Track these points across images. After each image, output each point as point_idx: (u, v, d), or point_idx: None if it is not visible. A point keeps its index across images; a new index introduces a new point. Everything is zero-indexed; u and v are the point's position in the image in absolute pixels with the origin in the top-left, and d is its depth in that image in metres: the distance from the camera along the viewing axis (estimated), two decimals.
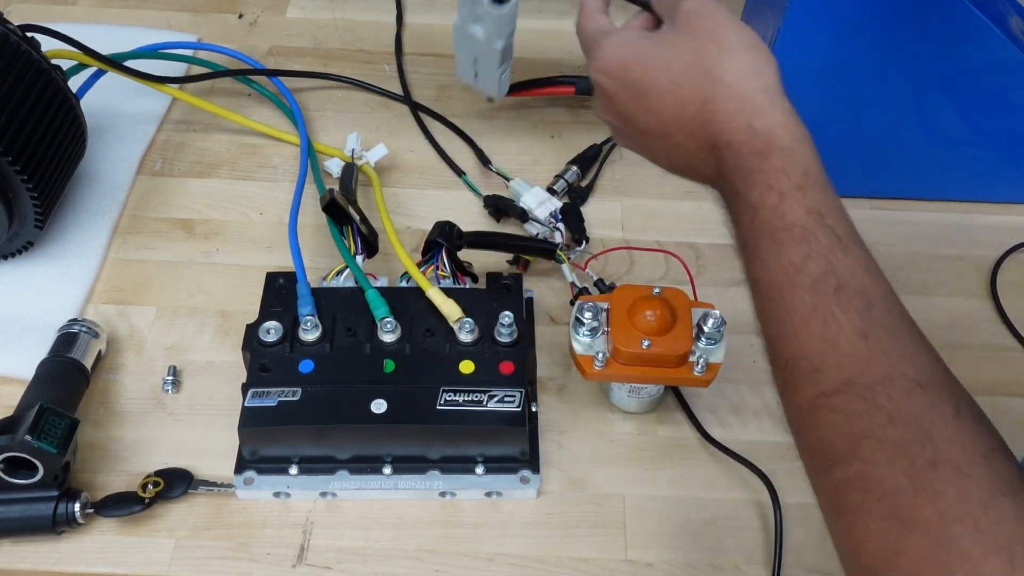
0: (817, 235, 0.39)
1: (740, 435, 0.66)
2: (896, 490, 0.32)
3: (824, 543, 0.61)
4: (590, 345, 0.61)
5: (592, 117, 0.88)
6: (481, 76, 0.73)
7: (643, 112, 0.45)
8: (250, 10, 0.99)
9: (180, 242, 0.77)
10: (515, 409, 0.59)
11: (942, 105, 0.75)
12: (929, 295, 0.75)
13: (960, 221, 0.81)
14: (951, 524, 0.30)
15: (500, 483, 0.61)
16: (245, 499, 0.62)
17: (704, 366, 0.60)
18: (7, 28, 0.68)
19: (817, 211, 0.40)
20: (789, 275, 0.38)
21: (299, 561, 0.59)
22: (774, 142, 0.41)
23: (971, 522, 0.30)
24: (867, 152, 0.79)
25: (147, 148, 0.84)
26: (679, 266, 0.74)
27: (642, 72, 0.44)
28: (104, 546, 0.59)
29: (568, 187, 0.81)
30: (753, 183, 0.40)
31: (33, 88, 0.68)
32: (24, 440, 0.55)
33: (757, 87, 0.43)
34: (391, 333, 0.62)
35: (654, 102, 0.44)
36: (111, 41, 0.82)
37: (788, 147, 0.41)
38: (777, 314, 0.38)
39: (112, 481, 0.62)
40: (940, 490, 0.31)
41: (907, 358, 0.35)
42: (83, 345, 0.65)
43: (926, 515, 0.31)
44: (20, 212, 0.68)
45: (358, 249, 0.69)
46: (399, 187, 0.82)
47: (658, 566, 0.59)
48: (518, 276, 0.67)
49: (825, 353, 0.35)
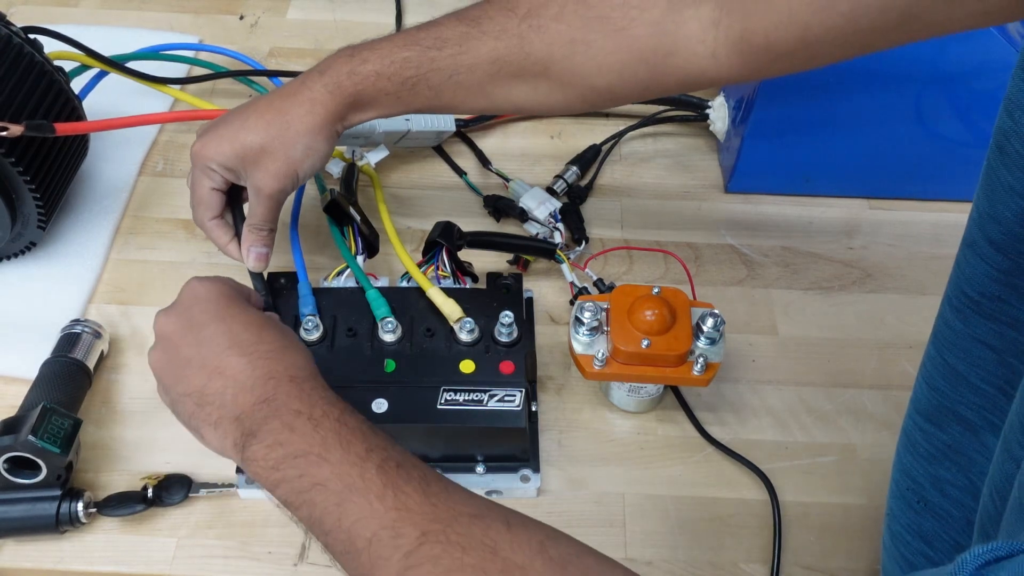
0: (374, 436, 0.47)
1: (739, 434, 0.66)
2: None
3: (822, 542, 0.61)
4: (590, 345, 0.62)
5: (592, 117, 0.88)
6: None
7: (222, 328, 0.53)
8: (251, 11, 1.00)
9: (182, 242, 0.77)
10: (515, 408, 0.59)
11: (940, 105, 0.75)
12: (929, 295, 0.75)
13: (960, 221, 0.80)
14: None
15: (500, 482, 0.62)
16: (247, 498, 0.62)
17: (703, 366, 0.60)
18: (10, 30, 0.68)
19: (367, 424, 0.48)
20: (358, 464, 0.44)
21: (301, 560, 0.60)
22: (327, 389, 0.51)
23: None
24: (866, 152, 0.79)
25: (149, 149, 0.84)
26: (678, 266, 0.75)
27: (241, 307, 0.55)
28: (107, 545, 0.60)
29: (568, 187, 0.81)
30: (315, 402, 0.48)
31: (36, 89, 0.68)
32: (27, 440, 0.55)
33: (316, 368, 0.53)
34: (392, 333, 0.62)
35: (238, 325, 0.53)
36: (113, 42, 0.83)
37: (335, 396, 0.51)
38: (350, 499, 0.43)
39: (115, 480, 0.63)
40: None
41: (461, 502, 0.43)
42: (86, 345, 0.66)
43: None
44: (23, 213, 0.69)
45: (359, 249, 0.69)
46: (399, 187, 0.83)
47: (657, 564, 0.60)
48: (518, 276, 0.67)
49: (401, 520, 0.42)
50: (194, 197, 0.63)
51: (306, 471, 0.45)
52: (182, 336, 0.53)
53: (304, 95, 0.60)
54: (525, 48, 0.57)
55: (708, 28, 0.53)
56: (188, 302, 0.55)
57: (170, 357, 0.53)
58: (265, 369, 0.50)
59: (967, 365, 0.47)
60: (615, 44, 0.56)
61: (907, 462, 0.52)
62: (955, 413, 0.48)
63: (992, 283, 0.45)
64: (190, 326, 0.53)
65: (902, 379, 0.70)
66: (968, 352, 0.47)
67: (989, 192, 0.44)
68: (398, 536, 0.41)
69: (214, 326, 0.52)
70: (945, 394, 0.49)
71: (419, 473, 0.44)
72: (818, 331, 0.73)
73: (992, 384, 0.46)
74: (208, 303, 0.54)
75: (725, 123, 0.82)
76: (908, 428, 0.52)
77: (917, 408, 0.51)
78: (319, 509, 0.44)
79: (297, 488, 0.45)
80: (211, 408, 0.50)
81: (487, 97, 0.60)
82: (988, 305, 0.45)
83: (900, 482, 0.53)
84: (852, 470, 0.65)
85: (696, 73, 0.55)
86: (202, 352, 0.52)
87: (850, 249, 0.79)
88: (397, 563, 0.41)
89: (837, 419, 0.67)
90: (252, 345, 0.51)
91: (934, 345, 0.50)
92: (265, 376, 0.50)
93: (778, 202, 0.82)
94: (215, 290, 0.55)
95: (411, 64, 0.59)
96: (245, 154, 0.60)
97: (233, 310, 0.54)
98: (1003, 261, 0.44)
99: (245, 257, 0.63)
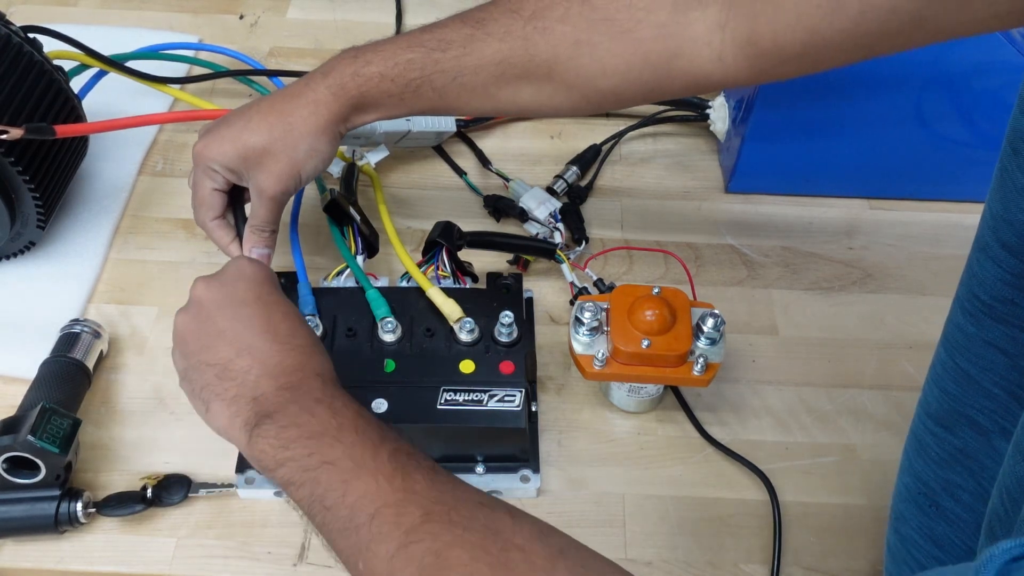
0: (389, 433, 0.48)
1: (739, 435, 0.66)
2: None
3: (823, 542, 0.61)
4: (590, 345, 0.62)
5: (592, 117, 0.88)
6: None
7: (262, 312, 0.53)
8: (251, 11, 1.00)
9: (181, 242, 0.77)
10: (515, 408, 0.59)
11: (941, 106, 0.75)
12: (929, 295, 0.75)
13: (960, 221, 0.81)
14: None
15: (500, 482, 0.62)
16: (246, 498, 0.62)
17: (703, 366, 0.60)
18: (9, 29, 0.68)
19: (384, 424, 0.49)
20: (371, 448, 0.46)
21: (300, 560, 0.59)
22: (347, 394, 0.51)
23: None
24: (867, 152, 0.79)
25: (148, 149, 0.84)
26: (678, 266, 0.74)
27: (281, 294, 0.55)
28: (106, 545, 0.60)
29: (568, 187, 0.81)
30: (336, 396, 0.49)
31: (35, 89, 0.68)
32: (26, 440, 0.55)
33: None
34: (392, 333, 0.62)
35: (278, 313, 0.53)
36: (112, 42, 0.83)
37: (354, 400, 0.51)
38: (358, 476, 0.44)
39: (114, 480, 0.62)
40: (512, 567, 0.40)
41: (469, 492, 0.45)
42: (85, 345, 0.66)
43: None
44: (22, 212, 0.69)
45: (359, 249, 0.69)
46: (399, 187, 0.82)
47: (657, 565, 0.60)
48: (518, 276, 0.67)
49: (407, 500, 0.43)
50: (196, 197, 0.63)
51: (317, 450, 0.46)
52: (220, 308, 0.53)
53: (308, 96, 0.60)
54: (530, 50, 0.57)
55: (714, 31, 0.53)
56: (233, 276, 0.55)
57: (201, 324, 0.53)
58: (295, 360, 0.51)
59: (979, 369, 0.47)
60: (620, 46, 0.56)
61: (917, 466, 0.52)
62: (966, 417, 0.48)
63: (1004, 287, 0.44)
64: (230, 300, 0.53)
65: (902, 379, 0.70)
66: (980, 356, 0.47)
67: (1002, 195, 0.43)
68: (401, 515, 0.42)
69: (255, 307, 0.53)
70: (956, 398, 0.48)
71: (429, 464, 0.45)
72: (818, 331, 0.73)
73: (1004, 388, 0.46)
74: (253, 283, 0.54)
75: (725, 123, 0.82)
76: (918, 432, 0.52)
77: (927, 412, 0.51)
78: (322, 487, 0.45)
79: (304, 466, 0.46)
80: (231, 384, 0.50)
81: (491, 99, 0.60)
82: (1000, 309, 0.45)
83: (910, 486, 0.52)
84: (852, 470, 0.65)
85: (702, 76, 0.55)
86: (237, 328, 0.52)
87: (850, 249, 0.79)
88: (397, 539, 0.41)
89: (837, 419, 0.67)
90: (287, 335, 0.52)
91: (945, 349, 0.50)
92: (294, 367, 0.50)
93: (778, 202, 0.82)
94: (262, 273, 0.55)
95: (415, 66, 0.59)
96: (248, 155, 0.60)
97: (276, 297, 0.54)
98: (1016, 264, 0.44)
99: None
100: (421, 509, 0.42)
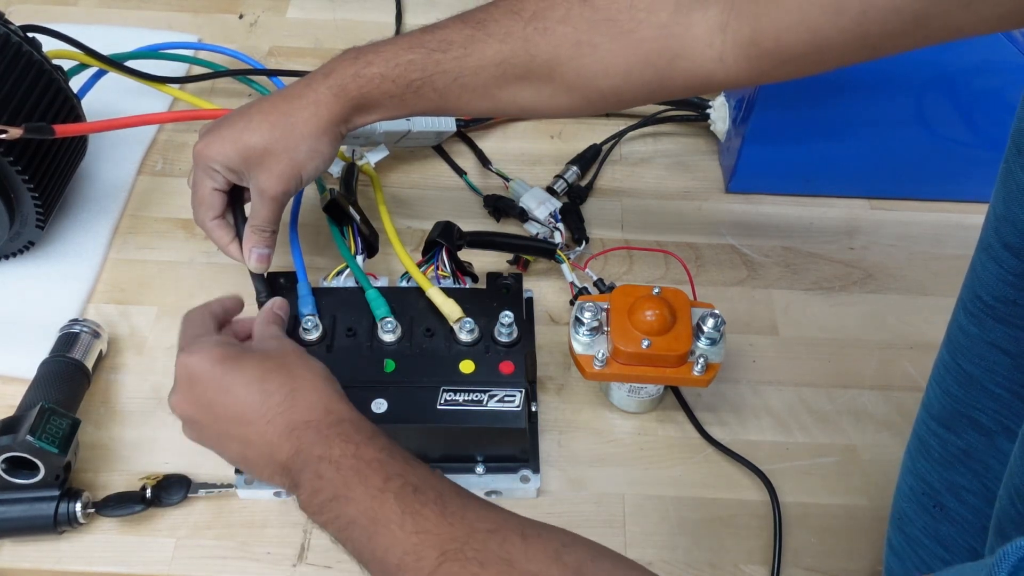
0: (392, 462, 0.48)
1: (739, 435, 0.66)
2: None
3: (823, 542, 0.61)
4: (590, 345, 0.61)
5: (592, 117, 0.88)
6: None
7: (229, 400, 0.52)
8: (250, 10, 1.00)
9: (181, 242, 0.77)
10: (515, 409, 0.59)
11: (942, 106, 0.75)
12: (930, 295, 0.75)
13: (960, 221, 0.81)
14: None
15: (500, 482, 0.62)
16: (246, 498, 0.62)
17: (703, 366, 0.60)
18: (8, 28, 0.68)
19: (387, 448, 0.49)
20: (378, 497, 0.46)
21: (300, 560, 0.59)
22: (345, 416, 0.51)
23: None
24: (867, 152, 0.79)
25: (148, 148, 0.84)
26: (678, 266, 0.74)
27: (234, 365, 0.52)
28: (105, 545, 0.60)
29: (568, 187, 0.81)
30: (333, 443, 0.49)
31: (34, 88, 0.68)
32: (25, 440, 0.55)
33: (331, 387, 0.53)
34: (391, 333, 0.62)
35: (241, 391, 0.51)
36: (112, 41, 0.83)
37: (356, 419, 0.51)
38: (376, 531, 0.45)
39: (113, 480, 0.62)
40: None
41: (477, 518, 0.44)
42: (84, 345, 0.65)
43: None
44: (21, 212, 0.69)
45: (358, 249, 0.69)
46: (399, 187, 0.82)
47: (657, 565, 0.60)
48: (518, 276, 0.67)
49: (422, 544, 0.43)
50: (195, 197, 0.63)
51: (340, 512, 0.47)
52: (202, 415, 0.53)
53: (308, 97, 0.60)
54: (531, 51, 0.57)
55: (716, 31, 0.53)
56: (186, 384, 0.53)
57: (202, 434, 0.54)
58: (283, 424, 0.50)
59: (982, 370, 0.47)
60: (621, 47, 0.55)
61: (921, 467, 0.52)
62: (970, 418, 0.48)
63: (1006, 287, 0.44)
64: (200, 406, 0.53)
65: (903, 380, 0.70)
66: (983, 357, 0.47)
67: (1005, 194, 0.43)
68: (420, 559, 0.43)
69: (220, 400, 0.52)
70: (960, 399, 0.48)
71: (435, 494, 0.46)
72: (819, 331, 0.73)
73: (1008, 389, 0.46)
74: (203, 380, 0.52)
75: (726, 123, 0.82)
76: (921, 433, 0.52)
77: (931, 413, 0.51)
78: (357, 544, 0.46)
79: (338, 527, 0.47)
80: (259, 469, 0.52)
81: (492, 100, 0.60)
82: (1003, 309, 0.45)
83: (914, 487, 0.52)
84: (853, 471, 0.65)
85: (703, 76, 0.55)
86: (226, 427, 0.52)
87: (851, 249, 0.79)
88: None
89: (838, 420, 0.67)
90: (261, 405, 0.51)
91: (948, 350, 0.50)
92: (286, 430, 0.50)
93: (779, 202, 0.82)
94: (204, 361, 0.53)
95: (416, 67, 0.59)
96: (248, 155, 0.60)
97: (229, 377, 0.52)
98: (1018, 265, 0.43)
99: (247, 258, 0.63)
100: (436, 550, 0.43)
